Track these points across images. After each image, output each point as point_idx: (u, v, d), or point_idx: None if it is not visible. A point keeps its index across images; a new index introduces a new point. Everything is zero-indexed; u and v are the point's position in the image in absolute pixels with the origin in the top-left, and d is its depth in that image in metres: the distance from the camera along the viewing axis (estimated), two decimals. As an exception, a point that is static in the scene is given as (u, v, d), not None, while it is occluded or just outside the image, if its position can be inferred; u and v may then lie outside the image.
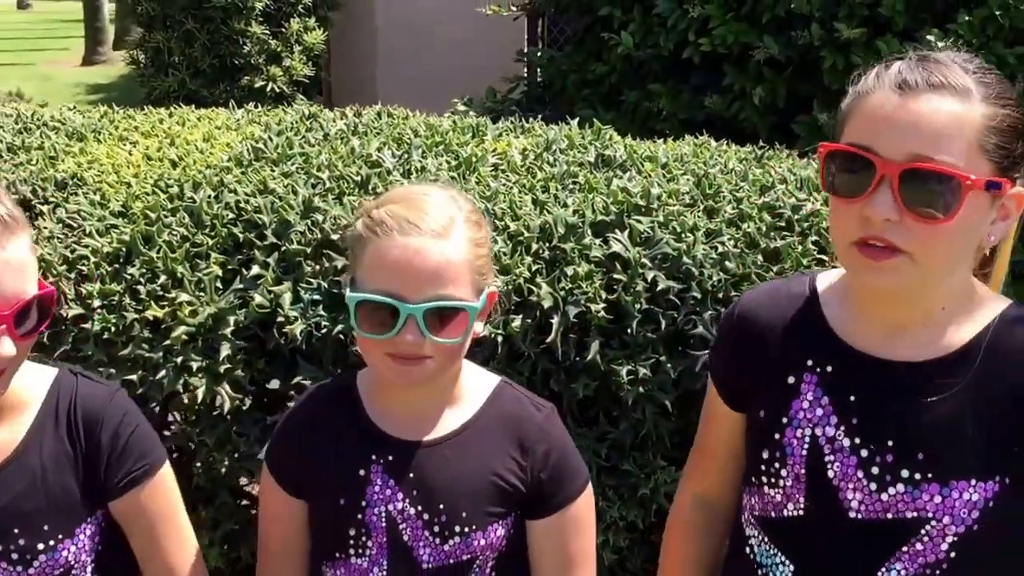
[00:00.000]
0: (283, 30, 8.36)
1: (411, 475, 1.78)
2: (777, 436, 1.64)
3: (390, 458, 1.79)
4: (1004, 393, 1.53)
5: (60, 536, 1.68)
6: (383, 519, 1.78)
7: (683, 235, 2.49)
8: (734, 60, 4.95)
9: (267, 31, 8.20)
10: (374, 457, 1.79)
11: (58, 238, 2.56)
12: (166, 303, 2.38)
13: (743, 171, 2.96)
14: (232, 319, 2.37)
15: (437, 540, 1.78)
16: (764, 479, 1.66)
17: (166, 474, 1.81)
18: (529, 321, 2.34)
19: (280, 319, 2.35)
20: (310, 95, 8.16)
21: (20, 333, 1.57)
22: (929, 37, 4.27)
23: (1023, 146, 1.52)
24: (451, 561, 1.78)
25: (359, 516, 1.78)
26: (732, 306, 1.80)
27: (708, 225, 2.58)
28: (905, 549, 1.56)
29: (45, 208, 2.76)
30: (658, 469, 2.47)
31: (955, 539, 1.53)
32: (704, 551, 1.87)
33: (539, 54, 5.84)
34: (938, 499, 1.53)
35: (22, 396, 1.70)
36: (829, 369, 1.62)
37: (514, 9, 5.84)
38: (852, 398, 1.59)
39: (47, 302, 1.63)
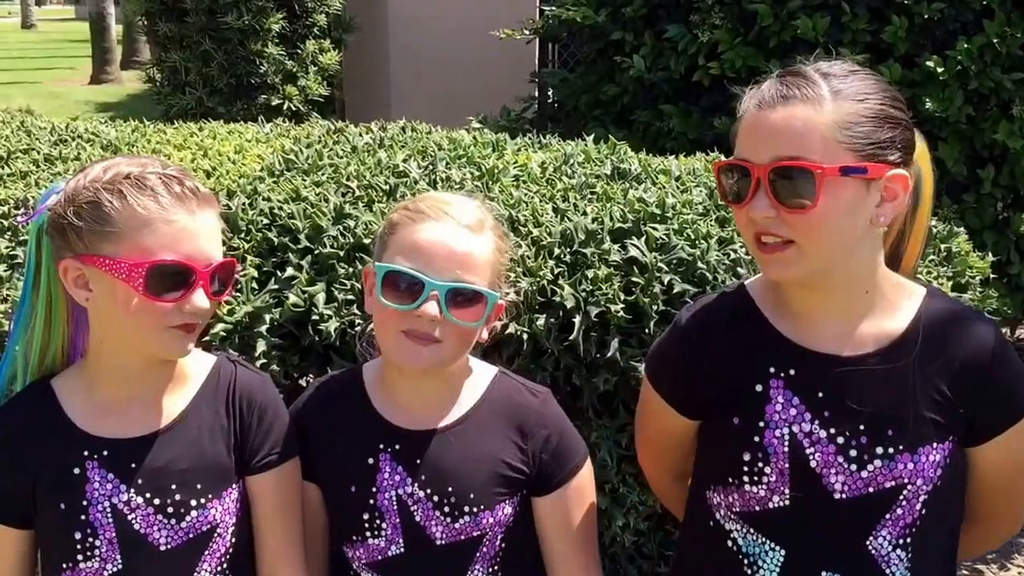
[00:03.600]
0: (299, 51, 8.48)
1: (418, 461, 1.87)
2: (757, 439, 1.78)
3: (397, 447, 1.88)
4: (943, 366, 1.72)
5: (210, 496, 1.83)
6: (394, 503, 1.86)
7: (697, 242, 2.60)
8: (742, 83, 5.00)
9: (283, 52, 8.31)
10: (382, 446, 1.88)
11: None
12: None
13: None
14: (268, 317, 2.47)
15: (448, 519, 1.86)
16: (746, 479, 1.79)
17: (294, 469, 1.93)
18: (552, 320, 2.43)
19: (315, 317, 2.46)
20: (324, 114, 8.24)
21: (210, 292, 1.74)
22: (929, 64, 4.36)
23: (889, 131, 1.67)
24: (463, 537, 1.87)
25: (371, 501, 1.87)
26: (674, 328, 1.91)
27: (720, 233, 2.69)
28: (888, 516, 1.73)
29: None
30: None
31: (926, 497, 1.72)
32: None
33: (553, 75, 5.90)
34: (911, 466, 1.71)
35: (187, 372, 1.88)
36: (792, 373, 1.76)
37: (526, 33, 5.92)
38: (820, 395, 1.74)
39: (231, 268, 1.80)
